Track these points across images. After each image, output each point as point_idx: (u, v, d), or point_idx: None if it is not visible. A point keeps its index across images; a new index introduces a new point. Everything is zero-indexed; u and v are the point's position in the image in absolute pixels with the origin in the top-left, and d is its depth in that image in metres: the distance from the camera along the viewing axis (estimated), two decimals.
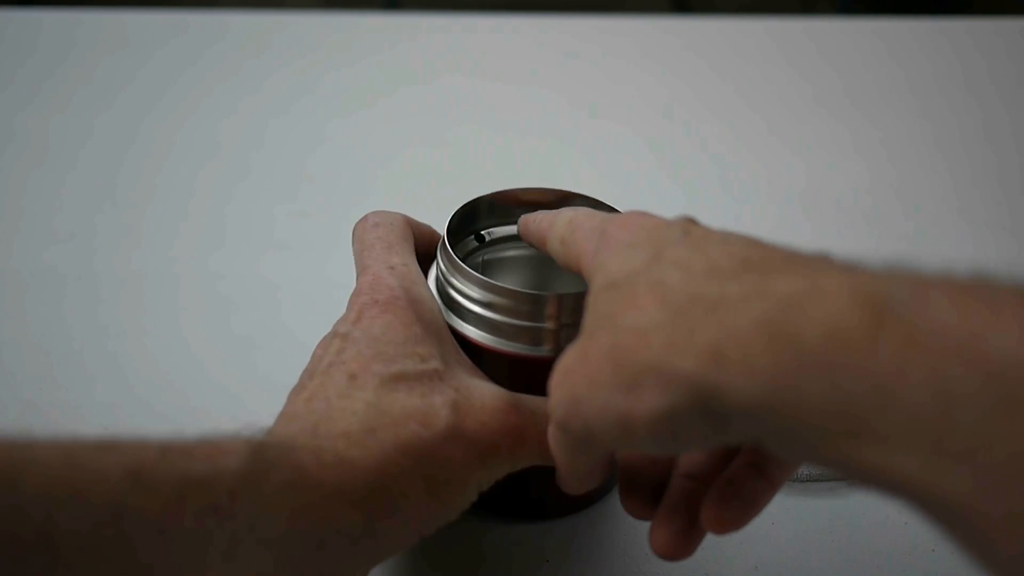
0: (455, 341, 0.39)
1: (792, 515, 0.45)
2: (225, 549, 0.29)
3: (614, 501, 0.45)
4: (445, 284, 0.40)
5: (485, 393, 0.36)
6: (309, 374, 0.36)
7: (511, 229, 0.45)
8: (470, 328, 0.39)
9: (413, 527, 0.33)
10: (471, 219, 0.44)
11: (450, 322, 0.40)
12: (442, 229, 0.41)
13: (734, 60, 0.90)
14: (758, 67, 0.89)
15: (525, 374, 0.39)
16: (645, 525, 0.44)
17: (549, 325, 0.38)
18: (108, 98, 0.81)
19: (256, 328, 0.56)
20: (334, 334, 0.37)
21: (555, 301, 0.38)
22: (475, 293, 0.39)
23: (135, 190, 0.70)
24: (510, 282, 0.39)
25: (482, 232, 0.45)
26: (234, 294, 0.59)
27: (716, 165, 0.74)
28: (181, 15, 0.96)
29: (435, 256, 0.42)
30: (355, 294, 0.38)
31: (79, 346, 0.55)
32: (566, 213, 0.38)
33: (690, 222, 0.32)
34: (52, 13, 0.94)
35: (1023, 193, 0.71)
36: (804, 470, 0.46)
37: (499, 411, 0.35)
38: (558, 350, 0.38)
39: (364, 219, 0.42)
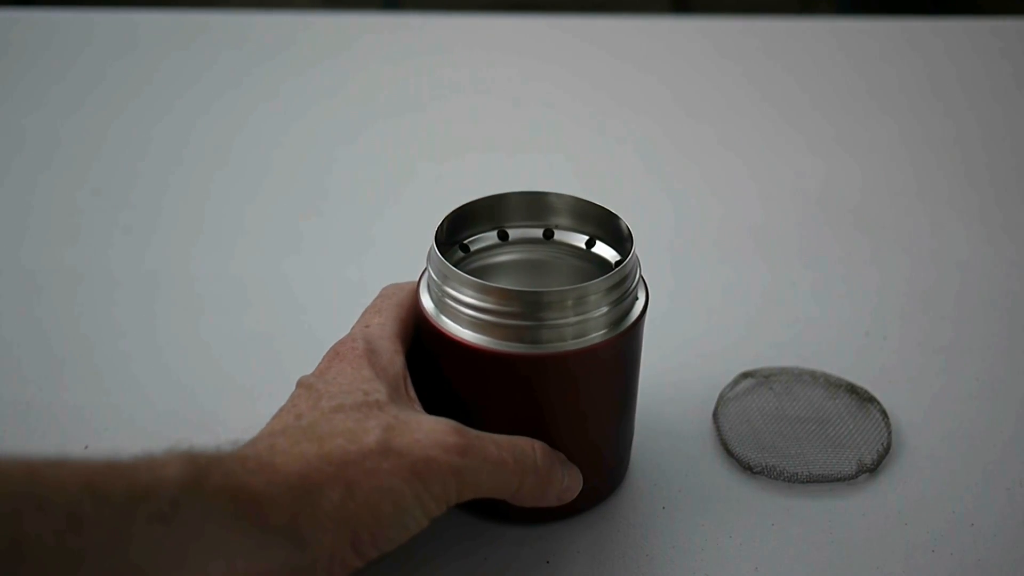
0: (411, 391, 0.41)
1: (792, 515, 0.45)
2: (176, 557, 0.31)
3: (613, 502, 0.45)
4: (439, 292, 0.41)
5: (425, 419, 0.38)
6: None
7: (493, 236, 0.45)
8: (465, 331, 0.40)
9: (343, 533, 0.34)
10: (456, 228, 0.44)
11: (445, 328, 0.40)
12: (431, 236, 0.42)
13: (734, 60, 0.90)
14: (758, 67, 0.89)
15: (520, 373, 0.40)
16: (644, 526, 0.44)
17: (538, 323, 0.39)
18: (109, 99, 0.81)
19: (270, 329, 0.57)
20: (299, 384, 0.40)
21: (543, 298, 0.38)
22: (466, 296, 0.39)
23: (149, 190, 0.70)
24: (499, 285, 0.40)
25: (466, 242, 0.45)
26: (250, 294, 0.60)
27: (716, 164, 0.74)
28: (180, 15, 0.96)
29: (424, 269, 0.42)
30: (329, 349, 0.42)
31: (92, 346, 0.55)
32: None
33: None
34: (63, 13, 0.94)
35: None
36: (804, 470, 0.46)
37: (437, 431, 0.37)
38: (548, 347, 0.39)
39: (382, 289, 0.45)
